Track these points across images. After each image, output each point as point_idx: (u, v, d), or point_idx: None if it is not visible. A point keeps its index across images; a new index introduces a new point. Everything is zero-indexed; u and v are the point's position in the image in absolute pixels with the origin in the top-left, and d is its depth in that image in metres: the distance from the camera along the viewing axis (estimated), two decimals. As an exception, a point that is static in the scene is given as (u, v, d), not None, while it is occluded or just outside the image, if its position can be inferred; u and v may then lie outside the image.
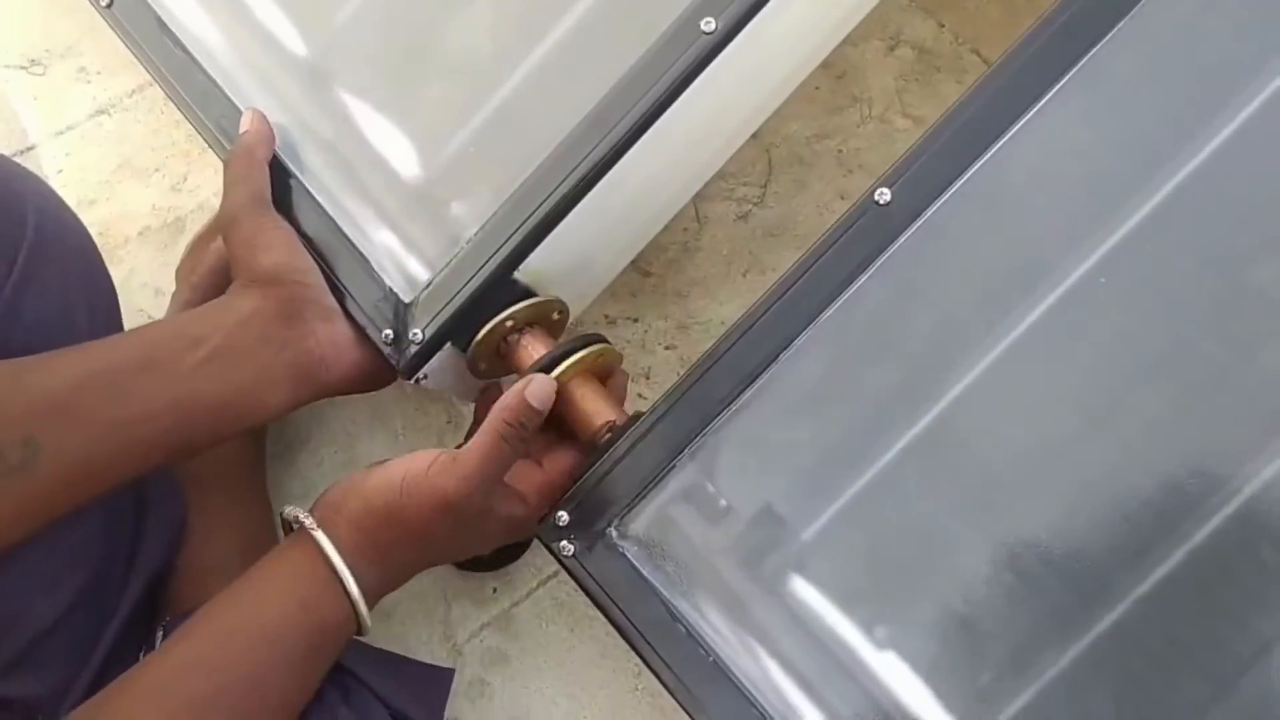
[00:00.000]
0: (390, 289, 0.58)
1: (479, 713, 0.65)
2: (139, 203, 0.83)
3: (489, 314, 0.57)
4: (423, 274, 0.58)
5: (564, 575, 0.67)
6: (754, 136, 0.81)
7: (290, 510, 0.52)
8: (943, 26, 0.85)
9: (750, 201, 0.79)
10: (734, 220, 0.78)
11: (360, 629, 0.51)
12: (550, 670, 0.65)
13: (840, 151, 0.80)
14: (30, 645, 0.52)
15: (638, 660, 0.66)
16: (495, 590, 0.67)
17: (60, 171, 0.84)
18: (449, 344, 0.57)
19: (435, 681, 0.62)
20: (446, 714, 0.64)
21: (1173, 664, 0.45)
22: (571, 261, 0.60)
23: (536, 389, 0.51)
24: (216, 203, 0.81)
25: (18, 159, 0.82)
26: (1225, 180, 0.46)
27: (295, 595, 0.49)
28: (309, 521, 0.51)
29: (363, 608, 0.50)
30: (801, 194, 0.79)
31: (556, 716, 0.64)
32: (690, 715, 0.47)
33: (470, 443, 0.51)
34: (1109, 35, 0.46)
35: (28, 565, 0.52)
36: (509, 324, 0.58)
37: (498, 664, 0.66)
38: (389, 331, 0.57)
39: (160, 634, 0.58)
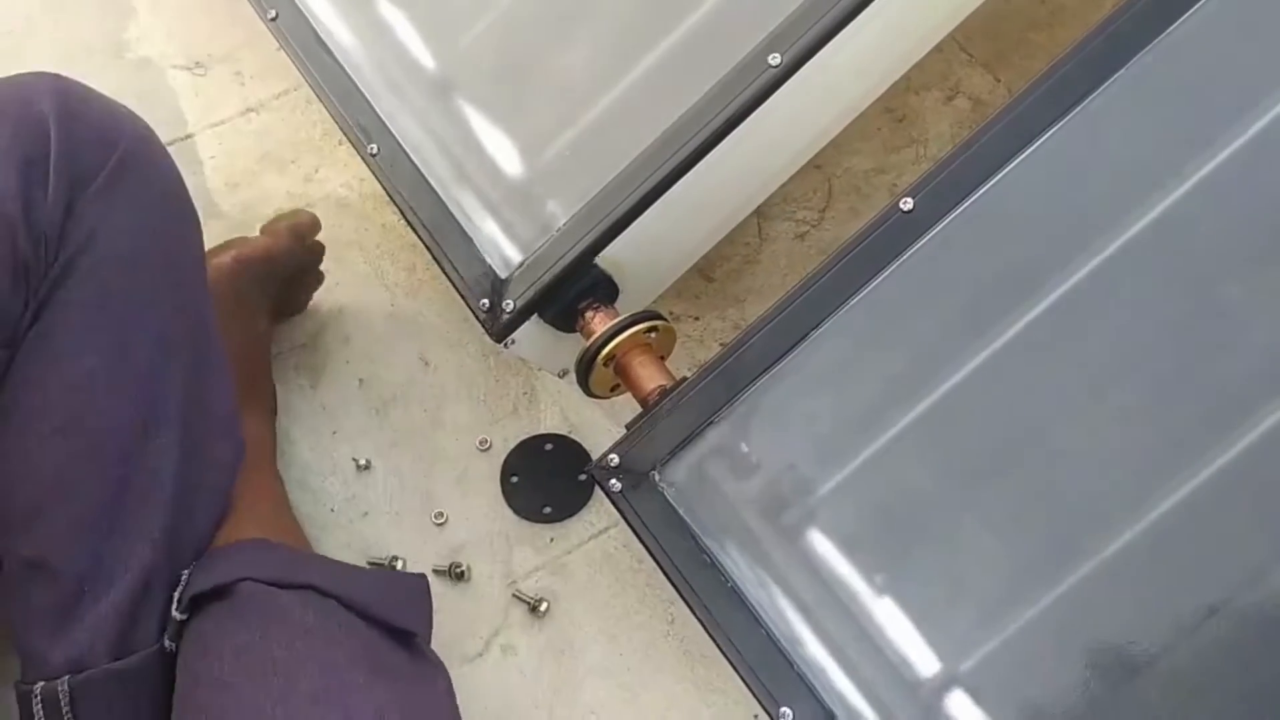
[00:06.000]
0: (490, 266, 0.68)
1: (529, 639, 0.73)
2: (276, 189, 0.95)
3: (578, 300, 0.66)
4: (517, 256, 0.68)
5: (613, 532, 0.77)
6: (818, 166, 0.90)
7: None
8: (999, 81, 0.93)
9: (809, 223, 0.88)
10: (792, 238, 0.88)
11: None
12: (593, 611, 0.74)
13: (894, 185, 0.89)
14: (91, 522, 0.59)
15: (671, 610, 0.74)
16: (552, 540, 0.77)
17: (212, 158, 0.97)
18: (535, 315, 0.67)
19: (410, 585, 0.67)
20: (499, 640, 0.73)
21: (1130, 618, 0.52)
22: (644, 256, 0.70)
23: None
24: (342, 193, 0.94)
25: (175, 145, 0.96)
26: (1204, 209, 0.54)
27: None
28: None
29: None
30: (855, 220, 0.88)
31: (595, 650, 0.72)
32: (708, 632, 0.56)
33: None
34: (1109, 81, 0.54)
35: (78, 446, 0.60)
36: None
37: (548, 600, 0.75)
38: (485, 300, 0.67)
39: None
